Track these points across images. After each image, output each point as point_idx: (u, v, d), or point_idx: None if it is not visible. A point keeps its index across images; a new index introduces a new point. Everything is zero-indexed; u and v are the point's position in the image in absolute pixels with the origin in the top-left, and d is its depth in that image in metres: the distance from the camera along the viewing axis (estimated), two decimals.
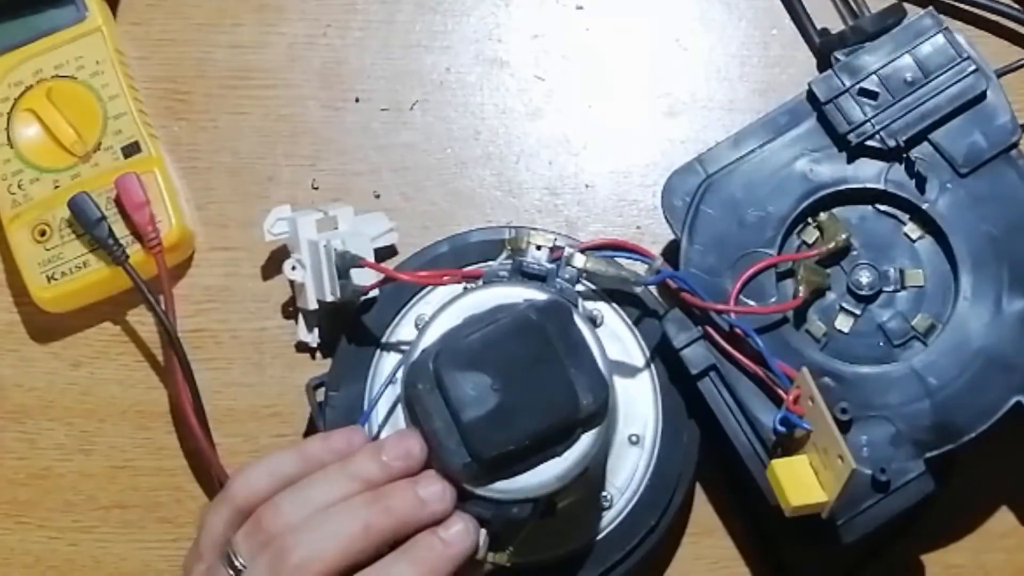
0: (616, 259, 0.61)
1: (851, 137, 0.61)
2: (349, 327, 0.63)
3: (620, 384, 0.61)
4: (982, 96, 0.61)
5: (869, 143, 0.61)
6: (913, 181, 0.61)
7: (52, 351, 0.67)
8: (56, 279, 0.64)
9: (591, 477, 0.58)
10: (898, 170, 0.62)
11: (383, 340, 0.62)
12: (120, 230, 0.64)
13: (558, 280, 0.60)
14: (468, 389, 0.53)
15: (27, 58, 0.66)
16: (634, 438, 0.61)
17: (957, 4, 0.68)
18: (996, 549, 0.63)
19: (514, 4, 0.70)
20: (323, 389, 0.62)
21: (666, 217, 0.62)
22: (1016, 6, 0.68)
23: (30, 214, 0.65)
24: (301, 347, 0.66)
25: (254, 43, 0.70)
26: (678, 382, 0.61)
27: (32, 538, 0.65)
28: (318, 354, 0.66)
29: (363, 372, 0.62)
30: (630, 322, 0.62)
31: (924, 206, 0.61)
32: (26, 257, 0.65)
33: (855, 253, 0.62)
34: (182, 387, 0.64)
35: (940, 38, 0.62)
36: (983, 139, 0.61)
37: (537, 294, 0.57)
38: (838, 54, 0.63)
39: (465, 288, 0.60)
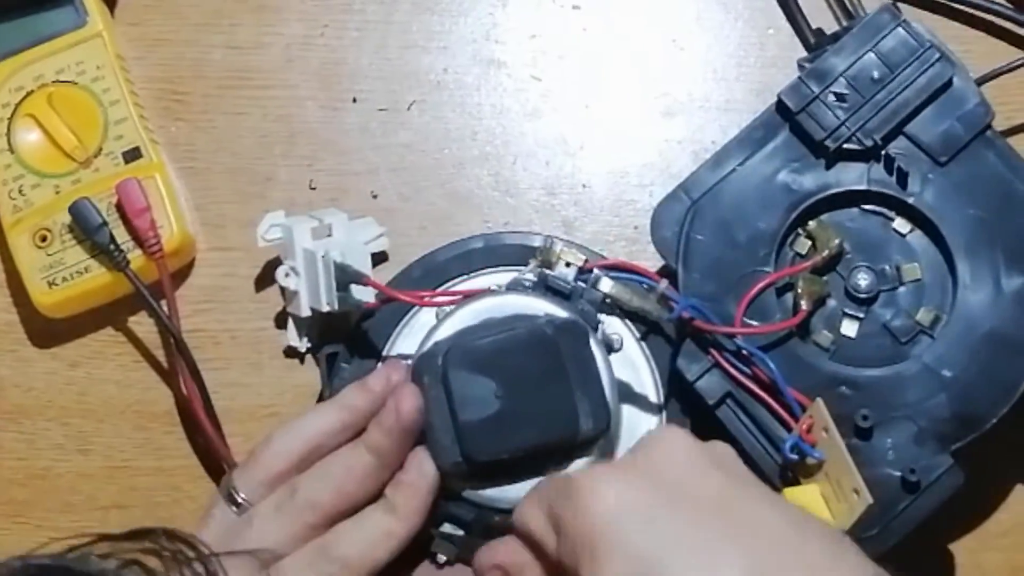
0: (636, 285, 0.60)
1: (828, 143, 0.61)
2: (359, 320, 0.63)
3: (627, 412, 0.60)
4: (949, 83, 0.61)
5: (847, 146, 0.61)
6: (895, 177, 0.61)
7: (50, 351, 0.67)
8: (57, 284, 0.64)
9: None
10: (878, 168, 0.61)
11: (400, 323, 0.62)
12: (121, 236, 0.64)
13: (582, 301, 0.59)
14: (472, 391, 0.53)
15: (28, 63, 0.66)
16: None
17: (953, 4, 0.69)
18: (993, 548, 0.64)
19: (511, 4, 0.71)
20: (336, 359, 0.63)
21: (659, 250, 0.61)
22: (1011, 6, 0.68)
23: (31, 219, 0.65)
24: (290, 352, 0.66)
25: (252, 43, 0.70)
26: (693, 413, 0.61)
27: (31, 538, 0.65)
28: (307, 358, 0.66)
29: (377, 350, 0.62)
30: (648, 353, 0.62)
31: (910, 200, 0.61)
32: (27, 262, 0.65)
33: (849, 257, 0.62)
34: (191, 390, 0.64)
35: (900, 31, 0.62)
36: (957, 125, 0.61)
37: (558, 311, 0.56)
38: (802, 61, 0.63)
39: (489, 289, 0.60)
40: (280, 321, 0.66)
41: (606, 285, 0.59)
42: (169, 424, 0.66)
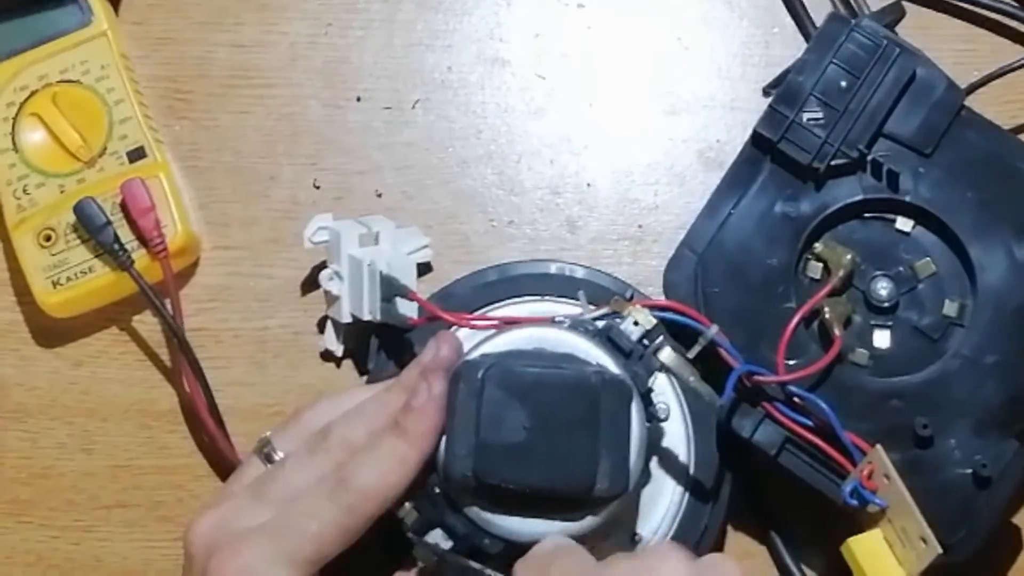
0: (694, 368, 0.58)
1: (816, 163, 0.60)
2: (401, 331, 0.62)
3: (652, 486, 0.60)
4: (914, 75, 0.61)
5: (834, 162, 0.60)
6: (885, 180, 0.61)
7: (54, 351, 0.67)
8: (61, 284, 0.64)
9: None
10: (868, 176, 0.61)
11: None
12: (125, 235, 0.64)
13: (639, 364, 0.57)
14: (502, 413, 0.53)
15: (32, 63, 0.66)
16: (637, 537, 0.59)
17: (957, 3, 0.68)
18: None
19: (516, 3, 0.71)
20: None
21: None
22: (1016, 5, 0.68)
23: (35, 219, 0.65)
24: (327, 356, 0.66)
25: (255, 42, 0.70)
26: (746, 473, 0.60)
27: (34, 537, 0.65)
28: (343, 363, 0.66)
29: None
30: (692, 429, 0.60)
31: (906, 198, 0.61)
32: (31, 262, 0.64)
33: (862, 268, 0.61)
34: (195, 389, 0.63)
35: (856, 35, 0.61)
36: (932, 113, 0.61)
37: (611, 365, 0.55)
38: (767, 88, 0.63)
39: (554, 320, 0.58)
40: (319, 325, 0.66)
41: (666, 356, 0.56)
42: (172, 423, 0.66)
